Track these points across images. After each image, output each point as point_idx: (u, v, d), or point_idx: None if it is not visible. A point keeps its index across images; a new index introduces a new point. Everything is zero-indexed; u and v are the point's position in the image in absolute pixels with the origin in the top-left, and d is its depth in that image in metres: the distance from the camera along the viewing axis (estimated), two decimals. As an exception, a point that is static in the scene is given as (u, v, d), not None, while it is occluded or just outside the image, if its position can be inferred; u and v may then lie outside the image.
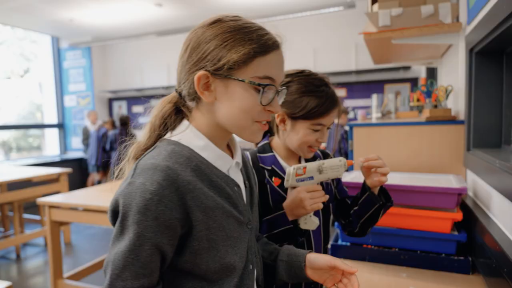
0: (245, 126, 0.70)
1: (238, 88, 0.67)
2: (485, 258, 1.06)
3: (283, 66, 0.72)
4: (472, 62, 1.34)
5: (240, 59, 0.65)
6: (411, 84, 5.10)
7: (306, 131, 1.03)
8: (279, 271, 0.84)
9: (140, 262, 0.62)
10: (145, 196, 0.60)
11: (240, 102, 0.67)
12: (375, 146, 1.70)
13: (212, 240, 0.67)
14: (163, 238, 0.62)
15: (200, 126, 0.72)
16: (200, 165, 0.68)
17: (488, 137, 1.33)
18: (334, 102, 1.02)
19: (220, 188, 0.70)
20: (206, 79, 0.67)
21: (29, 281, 3.05)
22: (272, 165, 1.09)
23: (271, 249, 0.89)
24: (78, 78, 6.92)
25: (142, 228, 0.60)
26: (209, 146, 0.71)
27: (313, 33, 5.60)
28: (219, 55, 0.66)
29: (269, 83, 0.68)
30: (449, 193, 1.21)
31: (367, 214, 1.03)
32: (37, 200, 2.61)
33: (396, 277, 1.19)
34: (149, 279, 0.63)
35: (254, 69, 0.66)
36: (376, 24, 1.60)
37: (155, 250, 0.62)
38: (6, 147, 6.36)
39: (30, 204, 5.39)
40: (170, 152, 0.66)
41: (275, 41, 0.69)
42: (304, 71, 1.06)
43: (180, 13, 5.30)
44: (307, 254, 0.82)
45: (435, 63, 2.52)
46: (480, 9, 1.21)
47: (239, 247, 0.72)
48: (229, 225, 0.70)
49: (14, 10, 5.01)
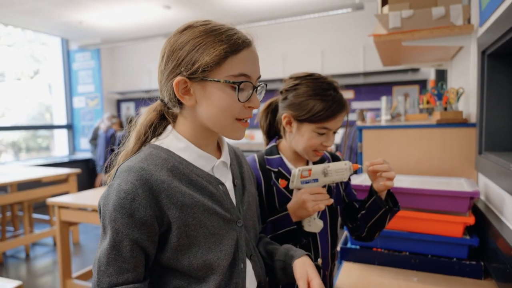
0: (227, 125, 0.73)
1: (215, 89, 0.70)
2: (498, 263, 1.04)
3: (257, 63, 0.75)
4: (484, 65, 1.32)
5: (213, 60, 0.68)
6: (419, 86, 5.06)
7: (311, 134, 1.03)
8: (277, 270, 0.86)
9: (122, 257, 0.65)
10: (120, 195, 0.65)
11: (219, 102, 0.70)
12: (384, 148, 1.69)
13: (192, 236, 0.70)
14: (141, 234, 0.66)
15: (183, 130, 0.76)
16: (178, 166, 0.71)
17: (500, 140, 1.31)
18: (340, 106, 1.02)
19: (201, 186, 0.73)
20: (184, 84, 0.70)
21: (38, 281, 3.08)
22: (279, 167, 1.10)
23: (271, 249, 0.90)
24: (87, 79, 6.98)
25: (119, 225, 0.65)
26: (189, 147, 0.74)
27: (321, 35, 5.58)
28: (193, 60, 0.69)
29: (244, 80, 0.70)
30: (461, 196, 1.19)
31: (374, 218, 1.02)
32: (46, 200, 2.64)
33: (407, 281, 1.17)
34: (133, 274, 0.66)
35: (228, 69, 0.69)
36: (386, 26, 1.59)
37: (134, 246, 0.66)
38: (15, 147, 6.43)
39: (39, 204, 5.45)
40: (147, 154, 0.71)
41: (245, 39, 0.72)
42: (313, 74, 1.06)
43: (189, 15, 5.32)
44: (301, 257, 0.83)
45: (445, 65, 2.49)
46: (493, 11, 1.19)
47: (224, 244, 0.74)
48: (212, 222, 0.72)
49: (25, 13, 5.07)
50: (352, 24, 5.36)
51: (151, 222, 0.67)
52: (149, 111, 0.80)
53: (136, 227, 0.65)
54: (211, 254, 0.71)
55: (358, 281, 1.19)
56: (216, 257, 0.72)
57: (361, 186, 1.28)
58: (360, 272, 1.26)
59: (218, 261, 0.72)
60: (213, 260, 0.71)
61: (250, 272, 0.81)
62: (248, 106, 0.73)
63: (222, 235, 0.74)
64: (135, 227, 0.65)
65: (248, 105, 0.73)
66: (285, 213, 1.00)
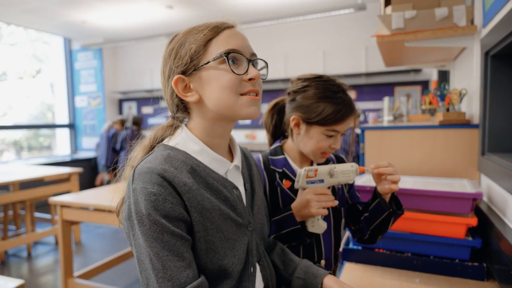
0: (233, 103, 0.71)
1: (209, 72, 0.70)
2: (500, 265, 1.04)
3: (245, 39, 0.74)
4: (487, 66, 1.32)
5: (198, 47, 0.70)
6: (421, 87, 5.05)
7: (320, 137, 1.02)
8: (295, 287, 0.84)
9: (176, 256, 0.64)
10: (150, 199, 0.63)
11: (217, 82, 0.70)
12: (387, 149, 1.69)
13: (210, 241, 0.69)
14: (182, 230, 0.65)
15: (195, 132, 0.75)
16: (196, 168, 0.71)
17: (504, 141, 1.30)
18: (350, 109, 1.02)
19: (217, 190, 0.72)
20: (183, 81, 0.72)
21: (40, 279, 3.08)
22: (283, 167, 1.09)
23: (288, 261, 0.89)
24: (89, 79, 7.00)
25: (161, 227, 0.63)
26: (205, 150, 0.74)
27: (323, 35, 5.58)
28: (181, 55, 0.71)
29: (234, 51, 0.70)
30: (464, 198, 1.19)
31: (377, 221, 1.02)
32: (48, 199, 2.64)
33: (409, 282, 1.17)
34: (191, 270, 0.65)
35: (214, 50, 0.70)
36: (389, 27, 1.59)
37: (183, 241, 0.65)
38: (17, 146, 6.45)
39: (41, 203, 5.45)
40: (166, 156, 0.69)
41: (224, 22, 0.73)
42: (322, 76, 1.05)
43: (191, 15, 5.33)
44: (325, 278, 0.82)
45: (448, 66, 2.49)
46: (496, 12, 1.19)
47: (238, 249, 0.73)
48: (227, 227, 0.72)
49: (28, 12, 5.09)
50: (354, 25, 5.35)
51: (187, 217, 0.67)
52: (160, 129, 0.80)
53: (175, 224, 0.65)
54: (226, 259, 0.71)
55: (360, 282, 1.19)
56: (231, 262, 0.71)
57: (364, 187, 1.28)
58: (362, 273, 1.26)
59: (232, 266, 0.71)
60: (228, 266, 0.71)
61: (259, 276, 0.81)
62: (248, 79, 0.71)
63: (235, 240, 0.73)
64: (175, 225, 0.64)
65: (247, 77, 0.71)
66: (289, 213, 1.00)
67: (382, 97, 3.21)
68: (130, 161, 0.77)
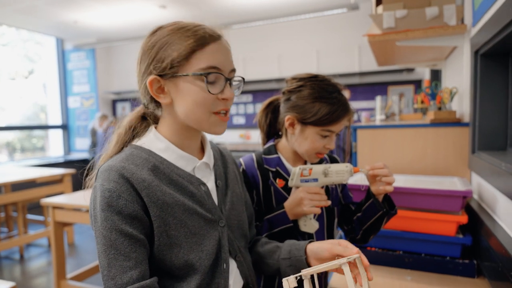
0: (203, 119, 0.72)
1: (186, 83, 0.70)
2: (490, 262, 1.05)
3: (228, 55, 0.74)
4: (477, 64, 1.33)
5: (180, 56, 0.69)
6: (414, 86, 5.08)
7: (315, 137, 1.02)
8: (284, 269, 0.84)
9: (122, 255, 0.64)
10: (105, 195, 0.66)
11: (191, 96, 0.70)
12: (379, 148, 1.70)
13: (173, 236, 0.70)
14: (134, 229, 0.66)
15: (164, 130, 0.77)
16: (159, 165, 0.72)
17: (494, 139, 1.32)
18: (345, 110, 1.01)
19: (182, 186, 0.74)
20: (158, 83, 0.72)
21: (33, 282, 3.06)
22: (277, 166, 1.09)
23: (272, 248, 0.89)
24: (82, 79, 6.95)
25: (110, 224, 0.65)
26: (170, 147, 0.75)
27: (317, 35, 5.59)
28: (162, 57, 0.70)
29: (213, 71, 0.70)
30: (454, 196, 1.20)
31: (370, 221, 1.02)
32: (41, 200, 2.62)
33: (401, 280, 1.18)
34: (137, 271, 0.65)
35: (196, 62, 0.69)
36: (380, 26, 1.59)
37: (132, 241, 0.65)
38: (10, 148, 6.39)
39: (33, 205, 5.41)
40: (128, 154, 0.72)
41: (212, 33, 0.72)
42: (317, 76, 1.05)
43: (184, 15, 5.31)
44: (308, 246, 0.81)
45: (439, 65, 2.51)
46: (485, 11, 1.20)
47: (206, 244, 0.74)
48: (193, 222, 0.72)
49: (19, 12, 5.04)
50: (348, 24, 5.37)
51: (141, 215, 0.67)
52: (131, 114, 0.81)
53: (128, 223, 0.66)
54: (192, 254, 0.71)
55: (352, 280, 1.19)
56: (198, 257, 0.72)
57: (359, 186, 1.28)
58: (354, 271, 1.27)
59: (199, 261, 0.72)
60: (195, 260, 0.71)
61: (235, 272, 0.81)
62: (222, 98, 0.72)
63: (204, 235, 0.74)
64: (127, 223, 0.65)
65: (221, 97, 0.72)
66: (282, 211, 1.00)
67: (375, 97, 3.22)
68: (101, 160, 0.79)
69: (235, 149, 5.78)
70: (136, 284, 0.64)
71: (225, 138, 6.21)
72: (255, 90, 6.00)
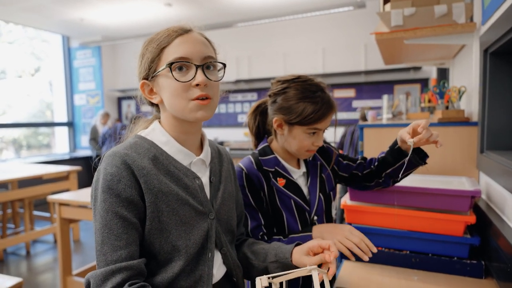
0: (184, 107, 0.78)
1: (162, 78, 0.79)
2: (499, 262, 1.04)
3: (196, 44, 0.79)
4: (486, 63, 1.32)
5: (153, 56, 0.79)
6: (421, 85, 5.05)
7: (302, 136, 1.06)
8: (273, 271, 0.89)
9: (114, 235, 0.71)
10: (107, 178, 0.72)
11: (168, 88, 0.78)
12: (385, 147, 1.68)
13: (164, 222, 0.76)
14: (129, 212, 0.72)
15: (165, 125, 0.85)
16: (159, 156, 0.80)
17: (502, 139, 1.30)
18: (329, 107, 1.05)
19: (178, 177, 0.80)
20: (147, 86, 0.82)
21: (39, 278, 3.08)
22: (275, 166, 1.14)
23: (258, 250, 0.95)
24: (88, 77, 6.98)
25: (108, 205, 0.72)
26: (170, 141, 0.83)
27: (322, 33, 5.57)
28: (142, 64, 0.82)
29: (180, 60, 0.76)
30: (463, 195, 1.19)
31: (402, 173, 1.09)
32: (47, 197, 2.64)
33: (407, 280, 1.17)
34: (126, 251, 0.71)
35: (166, 58, 0.78)
36: (388, 24, 1.58)
37: (125, 223, 0.72)
38: (16, 145, 6.44)
39: (40, 202, 5.46)
40: (132, 143, 0.80)
41: (176, 30, 0.79)
42: (300, 76, 1.09)
43: (190, 13, 5.31)
44: (293, 250, 0.87)
45: (447, 63, 2.48)
46: (495, 9, 1.18)
47: (194, 233, 0.80)
48: (184, 211, 0.79)
49: (26, 10, 5.07)
50: (354, 22, 5.34)
51: (137, 200, 0.74)
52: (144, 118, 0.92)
53: (124, 206, 0.72)
54: (180, 241, 0.77)
55: (358, 280, 1.19)
56: (185, 244, 0.78)
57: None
58: (360, 271, 1.26)
59: (186, 248, 0.78)
60: (182, 247, 0.78)
61: (219, 263, 0.87)
62: (196, 84, 0.77)
63: (193, 225, 0.80)
64: (123, 206, 0.72)
65: (194, 83, 0.77)
66: (309, 234, 1.04)
67: (382, 95, 3.20)
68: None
69: (240, 147, 5.78)
70: (123, 262, 0.70)
71: (230, 137, 6.22)
72: (260, 88, 5.99)
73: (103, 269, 0.69)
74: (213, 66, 0.82)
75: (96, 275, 0.69)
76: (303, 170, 1.18)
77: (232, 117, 6.23)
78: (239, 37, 6.02)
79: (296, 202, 1.12)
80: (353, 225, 1.36)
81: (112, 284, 0.68)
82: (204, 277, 0.81)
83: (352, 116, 5.29)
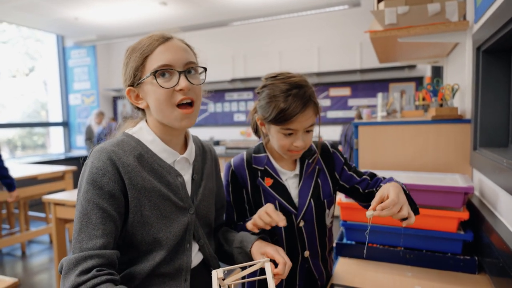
0: (168, 114, 0.83)
1: (147, 85, 0.83)
2: (491, 258, 1.05)
3: (178, 52, 0.84)
4: (479, 61, 1.33)
5: (137, 64, 0.83)
6: (416, 83, 5.07)
7: (278, 135, 1.04)
8: (236, 256, 0.97)
9: (92, 224, 0.75)
10: (92, 171, 0.77)
11: (153, 95, 0.83)
12: (380, 145, 1.70)
13: (146, 216, 0.81)
14: (109, 205, 0.76)
15: (151, 126, 0.89)
16: (144, 154, 0.84)
17: (495, 136, 1.32)
18: (299, 107, 0.98)
19: (161, 175, 0.85)
20: (133, 92, 0.86)
21: (35, 278, 3.07)
22: (265, 165, 1.12)
23: (229, 237, 1.02)
24: (82, 76, 6.94)
25: (90, 196, 0.76)
26: (156, 140, 0.87)
27: (318, 32, 5.57)
28: (127, 72, 0.85)
29: (162, 68, 0.81)
30: (456, 192, 1.20)
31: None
32: (42, 197, 2.63)
33: (402, 276, 1.18)
34: (101, 240, 0.74)
35: (150, 65, 0.82)
36: (382, 22, 1.59)
37: (104, 215, 0.76)
38: (11, 145, 6.40)
39: (35, 202, 5.42)
40: (120, 141, 0.84)
41: (158, 39, 0.84)
42: (278, 75, 1.05)
43: (185, 12, 5.29)
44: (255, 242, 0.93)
45: (441, 61, 2.50)
46: (487, 7, 1.20)
47: (174, 227, 0.85)
48: (166, 206, 0.84)
49: (19, 9, 5.03)
50: (349, 21, 5.35)
51: (119, 195, 0.78)
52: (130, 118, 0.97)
53: (105, 198, 0.76)
54: (161, 233, 0.83)
55: (353, 277, 1.20)
56: (165, 237, 0.83)
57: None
58: (355, 268, 1.27)
59: (166, 240, 0.83)
60: (162, 239, 0.83)
61: (196, 252, 0.92)
62: (179, 89, 0.81)
63: (173, 219, 0.85)
64: (104, 198, 0.76)
65: (177, 88, 0.81)
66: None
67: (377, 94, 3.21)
68: None
69: (236, 146, 5.78)
70: (97, 251, 0.73)
71: (226, 136, 6.21)
72: (256, 87, 5.99)
73: (77, 255, 0.72)
74: (195, 70, 0.86)
75: (69, 260, 0.73)
76: (295, 172, 1.13)
77: (228, 116, 6.22)
78: (235, 36, 6.01)
79: (281, 204, 1.08)
80: (348, 222, 1.37)
81: (82, 268, 0.71)
82: (183, 265, 0.87)
83: (348, 114, 5.30)
